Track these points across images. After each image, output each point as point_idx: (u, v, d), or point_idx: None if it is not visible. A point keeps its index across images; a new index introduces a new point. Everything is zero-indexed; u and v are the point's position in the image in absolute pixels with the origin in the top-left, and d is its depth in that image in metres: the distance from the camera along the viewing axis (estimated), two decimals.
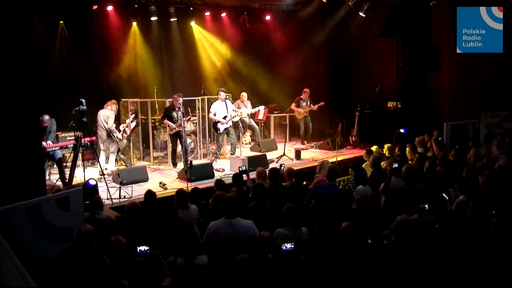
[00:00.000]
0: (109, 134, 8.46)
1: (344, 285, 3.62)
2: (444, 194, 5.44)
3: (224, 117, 9.45)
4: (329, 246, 4.14)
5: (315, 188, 5.77)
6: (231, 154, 9.67)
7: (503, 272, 3.55)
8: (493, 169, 6.01)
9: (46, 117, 7.46)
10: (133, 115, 9.27)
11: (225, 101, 9.54)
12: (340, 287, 3.62)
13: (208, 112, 9.67)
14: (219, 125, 9.44)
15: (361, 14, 10.30)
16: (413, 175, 5.47)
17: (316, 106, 11.47)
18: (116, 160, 8.85)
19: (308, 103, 11.35)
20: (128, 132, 9.00)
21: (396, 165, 5.71)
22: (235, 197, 4.43)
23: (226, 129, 9.53)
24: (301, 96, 11.38)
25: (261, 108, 10.88)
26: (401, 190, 5.42)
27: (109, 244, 3.75)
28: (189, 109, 9.17)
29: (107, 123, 8.38)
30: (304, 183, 6.44)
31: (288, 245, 3.54)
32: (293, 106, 11.35)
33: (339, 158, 9.18)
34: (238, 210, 4.28)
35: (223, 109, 9.49)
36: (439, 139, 7.73)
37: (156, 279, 3.59)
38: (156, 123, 9.96)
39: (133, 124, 9.09)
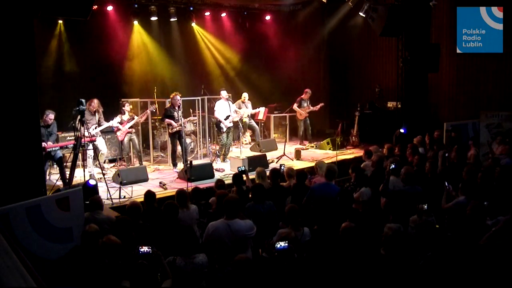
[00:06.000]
0: None
1: (344, 285, 3.62)
2: (446, 183, 5.35)
3: (227, 117, 9.45)
4: (329, 247, 4.13)
5: (312, 188, 5.77)
6: (222, 160, 9.58)
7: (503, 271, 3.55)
8: (495, 169, 6.00)
9: (51, 113, 7.39)
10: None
11: (227, 101, 9.55)
12: (339, 287, 3.62)
13: (213, 111, 9.68)
14: (222, 124, 9.43)
15: (361, 14, 10.29)
16: (412, 177, 5.45)
17: (317, 107, 11.45)
18: (115, 160, 8.83)
19: (308, 103, 11.35)
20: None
21: (393, 166, 5.69)
22: (236, 198, 4.42)
23: (228, 128, 9.53)
24: (302, 96, 11.37)
25: (261, 109, 10.88)
26: (400, 192, 5.41)
27: (103, 245, 3.74)
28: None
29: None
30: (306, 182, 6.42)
31: (283, 244, 3.47)
32: (295, 106, 11.32)
33: (339, 158, 9.18)
34: (238, 211, 4.27)
35: (226, 109, 9.49)
36: (440, 139, 7.72)
37: (157, 281, 3.58)
38: (156, 123, 9.95)
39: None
